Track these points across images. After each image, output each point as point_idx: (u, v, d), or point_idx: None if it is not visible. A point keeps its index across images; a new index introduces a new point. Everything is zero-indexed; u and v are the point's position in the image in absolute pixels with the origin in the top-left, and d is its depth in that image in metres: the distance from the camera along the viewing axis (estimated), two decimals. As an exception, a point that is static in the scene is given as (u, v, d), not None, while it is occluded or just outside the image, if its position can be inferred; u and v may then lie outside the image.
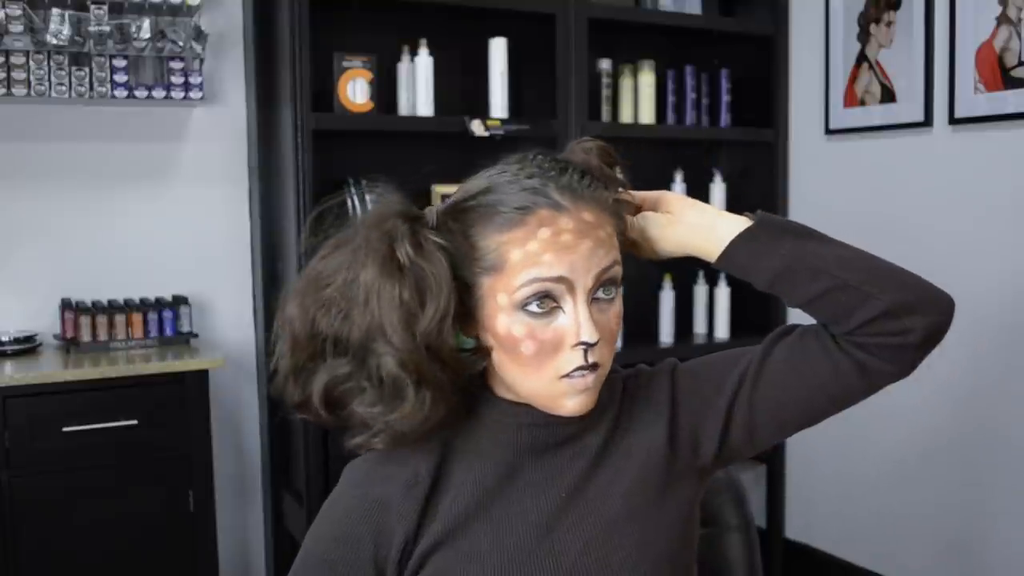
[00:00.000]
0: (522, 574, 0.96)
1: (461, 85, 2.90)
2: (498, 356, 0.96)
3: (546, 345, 0.92)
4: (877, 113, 2.86)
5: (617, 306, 0.96)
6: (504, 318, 0.93)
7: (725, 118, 3.16)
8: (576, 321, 0.92)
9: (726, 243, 0.99)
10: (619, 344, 2.61)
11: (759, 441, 1.04)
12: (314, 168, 2.49)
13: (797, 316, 3.08)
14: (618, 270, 0.95)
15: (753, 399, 1.01)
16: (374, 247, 0.91)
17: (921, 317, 0.97)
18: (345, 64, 2.58)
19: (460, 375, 0.95)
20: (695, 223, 1.01)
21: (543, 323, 0.92)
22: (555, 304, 0.92)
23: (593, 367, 0.93)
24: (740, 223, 0.99)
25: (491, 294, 0.93)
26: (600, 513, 0.99)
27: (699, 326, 3.19)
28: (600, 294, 0.94)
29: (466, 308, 0.95)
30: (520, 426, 0.99)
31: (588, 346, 0.92)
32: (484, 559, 0.96)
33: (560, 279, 0.91)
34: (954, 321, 1.04)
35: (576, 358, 0.92)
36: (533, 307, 0.92)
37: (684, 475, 1.03)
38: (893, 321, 0.95)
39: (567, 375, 0.93)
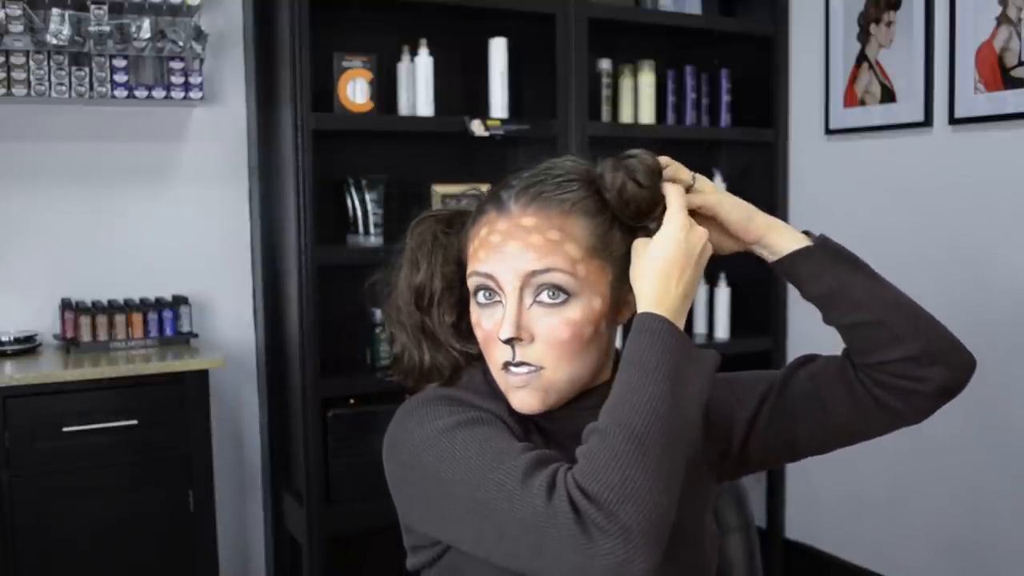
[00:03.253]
0: None
1: (461, 85, 2.90)
2: None
3: (488, 335, 0.98)
4: (877, 113, 2.86)
5: (568, 313, 0.95)
6: (472, 303, 1.01)
7: (725, 118, 3.16)
8: (503, 316, 0.96)
9: (783, 255, 1.04)
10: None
11: (772, 460, 1.12)
12: (314, 168, 2.49)
13: (797, 315, 3.09)
14: (558, 277, 0.94)
15: (772, 420, 1.07)
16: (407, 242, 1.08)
17: (941, 370, 1.01)
18: (345, 64, 2.58)
19: (455, 348, 1.04)
20: (761, 239, 1.05)
21: (487, 313, 0.98)
22: (498, 298, 0.97)
23: (526, 366, 0.95)
24: (799, 239, 1.04)
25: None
26: None
27: (699, 326, 3.19)
28: (544, 298, 0.95)
29: None
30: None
31: (508, 342, 0.95)
32: None
33: (487, 275, 0.97)
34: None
35: (504, 352, 0.96)
36: (480, 297, 0.98)
37: (708, 479, 1.09)
38: (914, 367, 1.01)
39: (502, 368, 0.97)
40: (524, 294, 0.95)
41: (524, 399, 0.97)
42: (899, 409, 1.03)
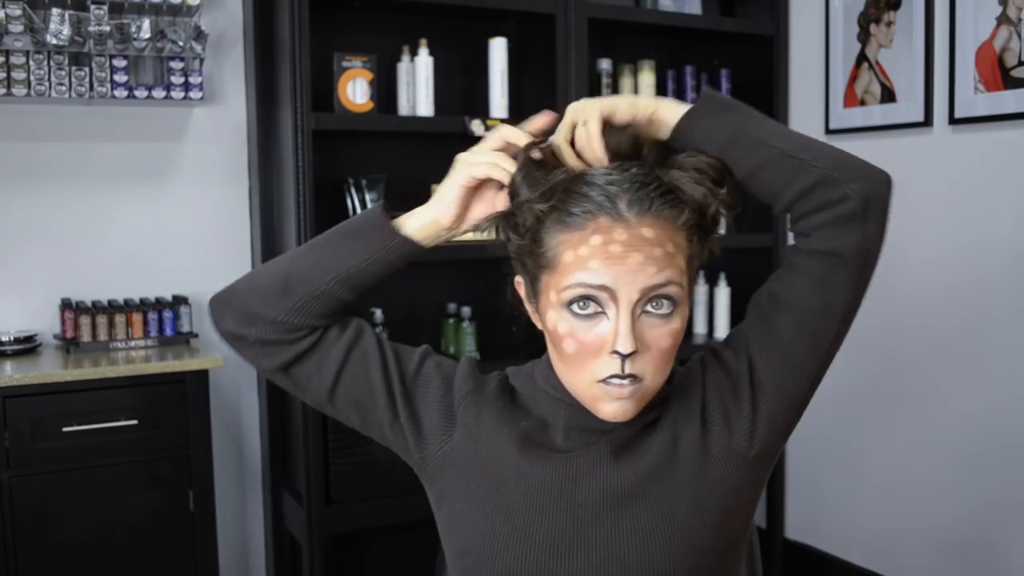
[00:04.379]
0: (538, 510, 1.01)
1: (461, 85, 2.90)
2: (549, 346, 1.02)
3: (586, 347, 0.95)
4: (877, 113, 2.86)
5: (673, 324, 0.96)
6: (553, 314, 0.98)
7: (725, 118, 3.15)
8: (615, 330, 0.94)
9: (675, 123, 1.03)
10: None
11: (790, 394, 1.04)
12: (314, 168, 2.49)
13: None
14: (673, 290, 0.95)
15: (758, 354, 1.05)
16: None
17: (857, 184, 0.99)
18: (345, 64, 2.58)
19: None
20: (652, 117, 1.04)
21: (586, 325, 0.95)
22: (599, 309, 0.95)
23: (632, 378, 0.95)
24: (686, 106, 1.04)
25: (546, 289, 0.99)
26: (623, 482, 1.01)
27: (699, 326, 3.19)
28: (650, 308, 0.95)
29: (536, 295, 1.02)
30: (567, 404, 1.04)
31: (623, 356, 0.94)
32: (506, 482, 1.03)
33: (603, 287, 0.94)
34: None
35: (612, 366, 0.94)
36: (577, 308, 0.95)
37: (721, 460, 1.03)
38: (830, 188, 0.98)
39: (603, 380, 0.95)
40: (637, 306, 0.94)
41: (622, 408, 0.96)
42: (844, 245, 0.99)
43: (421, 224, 1.06)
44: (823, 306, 1.02)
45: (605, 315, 0.95)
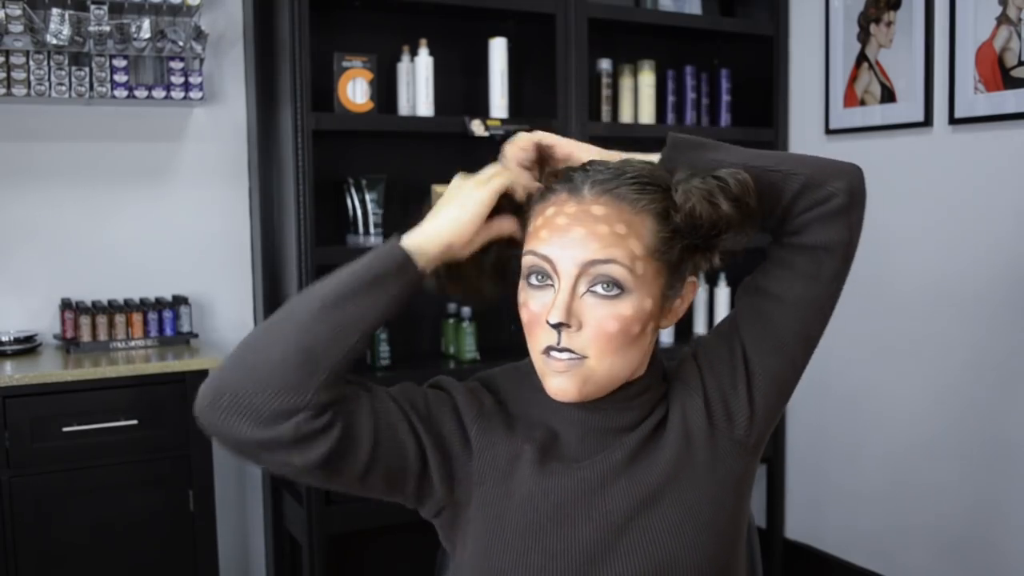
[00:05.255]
0: (569, 523, 1.01)
1: (461, 85, 2.90)
2: None
3: (533, 317, 0.98)
4: (877, 113, 2.86)
5: (620, 308, 0.96)
6: (522, 281, 1.01)
7: (725, 118, 3.16)
8: (553, 300, 0.96)
9: None
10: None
11: (781, 382, 1.08)
12: (314, 168, 2.49)
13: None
14: (617, 270, 0.95)
15: (751, 346, 1.07)
16: None
17: (839, 181, 1.03)
18: (345, 64, 2.58)
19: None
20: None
21: (537, 295, 0.99)
22: (549, 281, 0.98)
23: (569, 353, 0.96)
24: (654, 155, 1.05)
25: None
26: (647, 483, 1.03)
27: (699, 326, 3.19)
28: (598, 288, 0.96)
29: None
30: (576, 406, 1.03)
31: (556, 327, 0.95)
32: (533, 500, 1.01)
33: (546, 258, 0.97)
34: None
35: (551, 336, 0.97)
36: (533, 279, 0.99)
37: (727, 451, 1.06)
38: (816, 190, 1.02)
39: (545, 352, 0.98)
40: (579, 282, 0.96)
41: (562, 385, 0.98)
42: (832, 239, 1.03)
43: (435, 253, 1.00)
44: (812, 297, 1.05)
45: (552, 287, 0.97)
